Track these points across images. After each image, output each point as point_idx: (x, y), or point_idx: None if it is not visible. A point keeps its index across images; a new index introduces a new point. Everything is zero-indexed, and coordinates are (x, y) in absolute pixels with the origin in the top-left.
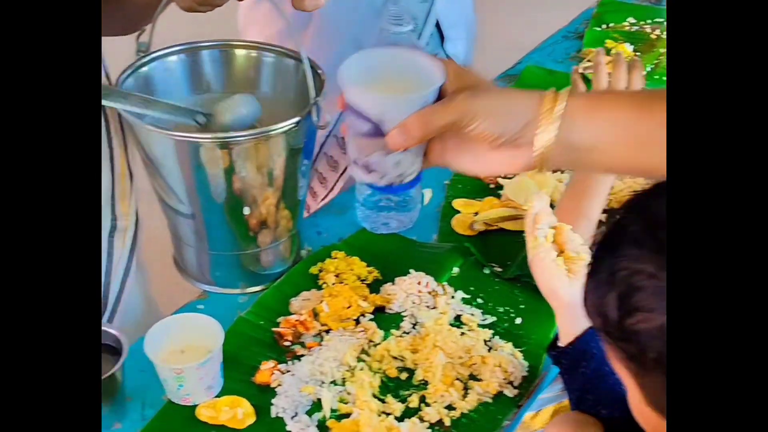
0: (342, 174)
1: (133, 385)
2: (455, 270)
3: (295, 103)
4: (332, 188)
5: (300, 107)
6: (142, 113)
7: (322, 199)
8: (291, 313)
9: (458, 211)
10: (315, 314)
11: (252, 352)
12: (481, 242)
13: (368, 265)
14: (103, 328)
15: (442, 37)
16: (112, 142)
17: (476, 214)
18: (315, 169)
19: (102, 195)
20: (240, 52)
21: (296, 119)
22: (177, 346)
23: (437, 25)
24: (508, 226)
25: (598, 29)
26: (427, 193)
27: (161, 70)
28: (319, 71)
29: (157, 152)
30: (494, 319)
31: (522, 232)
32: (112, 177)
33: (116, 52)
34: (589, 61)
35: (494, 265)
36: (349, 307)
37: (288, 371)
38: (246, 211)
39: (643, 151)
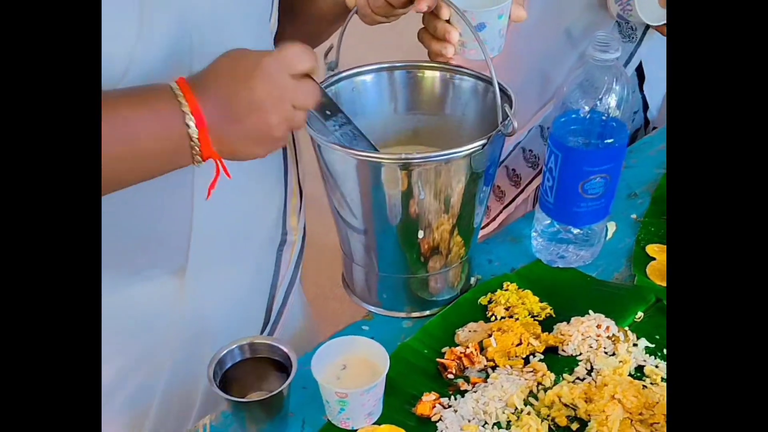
0: (523, 189)
1: (295, 402)
2: (639, 315)
3: (480, 128)
4: (509, 203)
5: (486, 132)
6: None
7: (497, 215)
8: (456, 344)
9: (653, 258)
10: (481, 348)
11: (414, 381)
12: None
13: (541, 301)
14: (274, 343)
15: (642, 77)
16: (286, 159)
17: None
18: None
19: (275, 209)
20: (429, 73)
21: (481, 142)
22: (340, 363)
23: (639, 66)
24: None
25: None
26: (611, 227)
27: (348, 89)
28: (509, 93)
29: (339, 169)
30: None
31: None
32: (285, 192)
33: None
34: None
35: None
36: (518, 345)
37: (450, 406)
38: (420, 234)
39: None
